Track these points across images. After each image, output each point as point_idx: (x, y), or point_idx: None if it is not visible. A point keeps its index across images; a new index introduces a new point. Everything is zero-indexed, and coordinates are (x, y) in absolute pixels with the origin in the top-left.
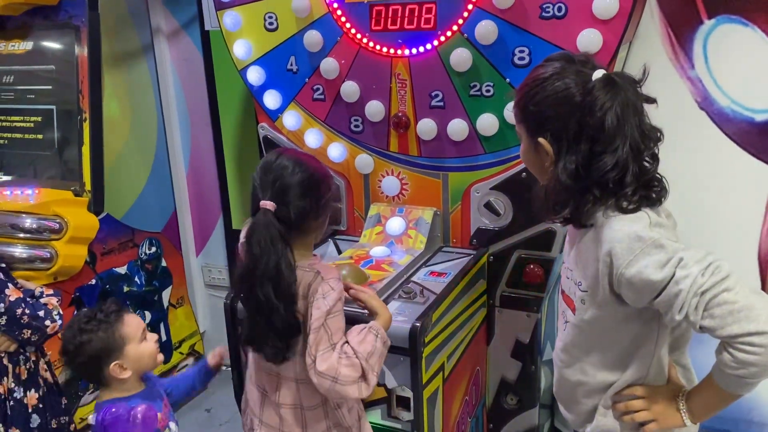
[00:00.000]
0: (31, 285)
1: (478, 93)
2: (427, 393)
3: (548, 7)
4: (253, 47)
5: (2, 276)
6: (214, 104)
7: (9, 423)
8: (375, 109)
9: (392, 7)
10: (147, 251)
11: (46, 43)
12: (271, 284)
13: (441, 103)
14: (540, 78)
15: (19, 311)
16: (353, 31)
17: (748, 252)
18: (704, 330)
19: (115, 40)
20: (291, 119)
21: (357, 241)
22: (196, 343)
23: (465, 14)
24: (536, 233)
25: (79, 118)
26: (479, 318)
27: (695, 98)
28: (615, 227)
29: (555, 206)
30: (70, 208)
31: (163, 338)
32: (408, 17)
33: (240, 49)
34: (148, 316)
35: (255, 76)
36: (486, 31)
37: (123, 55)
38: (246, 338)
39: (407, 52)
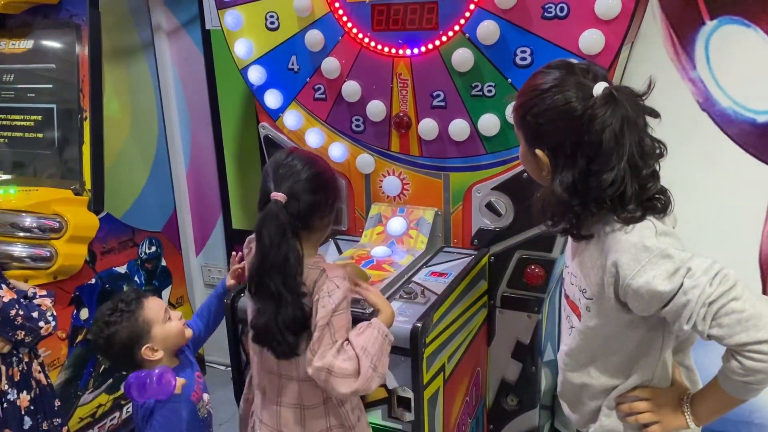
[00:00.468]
0: (24, 286)
1: (480, 93)
2: (428, 394)
3: (550, 8)
4: (254, 46)
5: None
6: (215, 103)
7: (2, 425)
8: (376, 109)
9: (394, 7)
10: (147, 250)
11: (47, 42)
12: (281, 275)
13: (442, 103)
14: (539, 89)
15: (13, 312)
16: (355, 31)
17: (749, 253)
18: (712, 338)
19: (116, 39)
20: (292, 119)
21: (358, 241)
22: None
23: (467, 14)
24: (537, 234)
25: (80, 117)
26: (480, 319)
27: (697, 99)
28: (620, 237)
29: (552, 217)
30: (70, 207)
31: None
32: (410, 17)
33: (241, 49)
34: None
35: (256, 76)
36: (488, 31)
37: (123, 54)
38: (256, 333)
39: (409, 52)
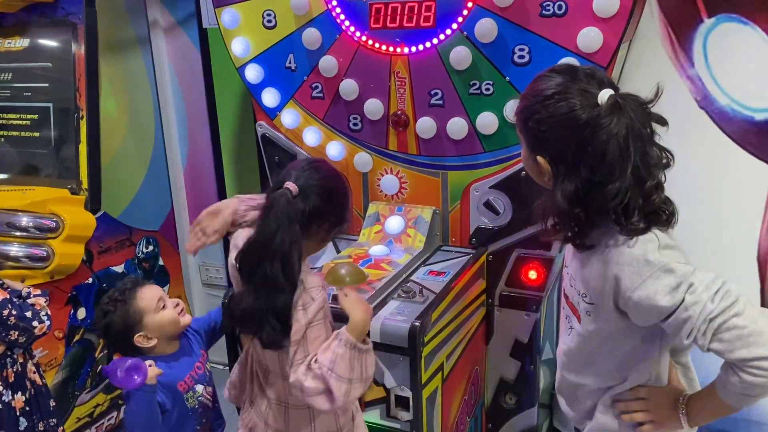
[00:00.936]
0: (18, 285)
1: (478, 91)
2: (426, 393)
3: (548, 6)
4: (252, 45)
5: None
6: (212, 102)
7: None
8: (374, 108)
9: (391, 5)
10: (144, 250)
11: (43, 40)
12: (281, 263)
13: (440, 102)
14: (542, 95)
15: (6, 312)
16: (352, 29)
17: (748, 251)
18: (712, 351)
19: (112, 38)
20: (289, 117)
21: (356, 240)
22: None
23: (465, 12)
24: (535, 232)
25: (76, 116)
26: (478, 317)
27: (695, 97)
28: (623, 250)
29: (554, 226)
30: (67, 207)
31: None
32: (407, 15)
33: (238, 47)
34: None
35: (253, 74)
36: (486, 29)
37: (120, 53)
38: (242, 317)
39: (406, 50)
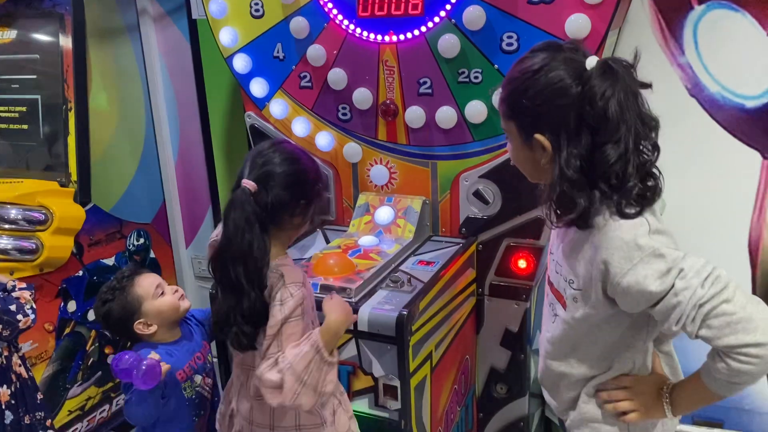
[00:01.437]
0: (3, 278)
1: (467, 80)
2: (415, 381)
3: None
4: (240, 34)
5: None
6: (202, 94)
7: None
8: (363, 97)
9: None
10: (135, 242)
11: (30, 32)
12: (242, 265)
13: (429, 90)
14: (529, 71)
15: None
16: (340, 18)
17: (739, 239)
18: (700, 338)
19: (101, 30)
20: (278, 107)
21: (345, 231)
22: None
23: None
24: (525, 221)
25: (65, 108)
26: (468, 307)
27: (685, 85)
28: (612, 234)
29: (561, 207)
30: (56, 199)
31: None
32: (395, 3)
33: (226, 37)
34: None
35: (241, 64)
36: (474, 17)
37: (109, 45)
38: (216, 321)
39: (395, 39)
